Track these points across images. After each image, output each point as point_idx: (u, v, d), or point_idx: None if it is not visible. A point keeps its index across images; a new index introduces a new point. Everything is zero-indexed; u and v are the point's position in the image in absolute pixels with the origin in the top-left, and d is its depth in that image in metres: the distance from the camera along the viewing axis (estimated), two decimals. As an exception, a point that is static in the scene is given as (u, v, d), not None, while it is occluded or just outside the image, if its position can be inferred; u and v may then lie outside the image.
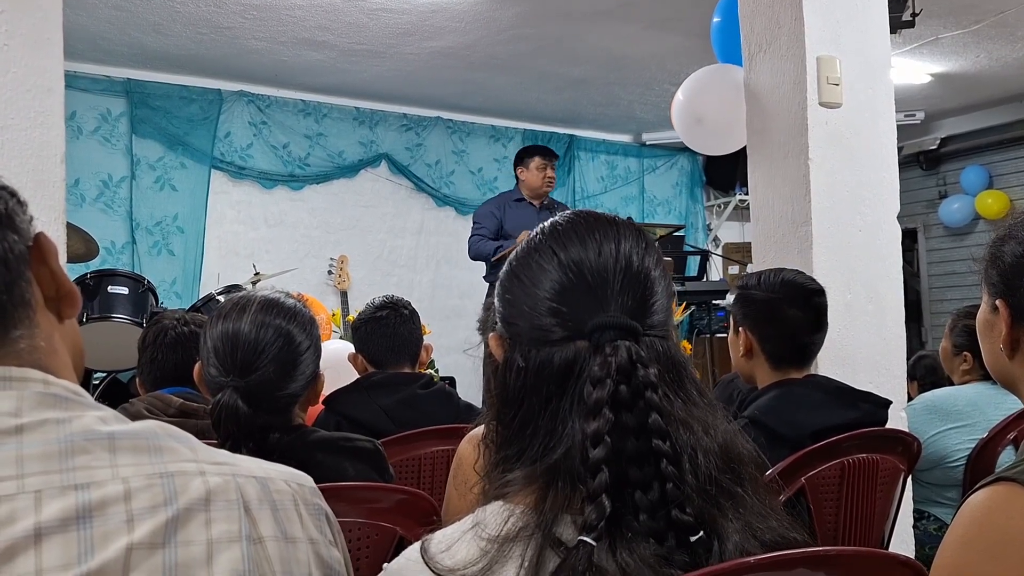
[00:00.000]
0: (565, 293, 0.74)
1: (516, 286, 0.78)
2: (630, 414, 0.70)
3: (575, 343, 0.73)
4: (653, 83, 5.37)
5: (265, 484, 0.64)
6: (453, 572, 0.66)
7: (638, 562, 0.65)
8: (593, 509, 0.66)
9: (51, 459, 0.57)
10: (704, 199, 7.06)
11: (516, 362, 0.75)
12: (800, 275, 1.77)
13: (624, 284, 0.74)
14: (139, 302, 3.45)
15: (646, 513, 0.67)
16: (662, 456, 0.68)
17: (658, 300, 0.76)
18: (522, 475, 0.73)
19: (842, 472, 1.58)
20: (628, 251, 0.76)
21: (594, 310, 0.73)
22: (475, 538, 0.69)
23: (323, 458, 1.33)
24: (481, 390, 4.38)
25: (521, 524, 0.68)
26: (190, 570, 0.56)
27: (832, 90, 2.33)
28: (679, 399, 0.73)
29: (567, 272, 0.75)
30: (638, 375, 0.70)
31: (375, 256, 5.67)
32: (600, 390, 0.69)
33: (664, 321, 0.77)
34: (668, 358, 0.75)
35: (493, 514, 0.70)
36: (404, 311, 2.17)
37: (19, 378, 0.60)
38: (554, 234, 0.78)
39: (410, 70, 5.04)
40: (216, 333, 1.28)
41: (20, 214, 0.66)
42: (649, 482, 0.68)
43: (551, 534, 0.67)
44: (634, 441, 0.69)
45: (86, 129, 4.79)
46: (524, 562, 0.66)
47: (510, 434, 0.76)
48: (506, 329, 0.78)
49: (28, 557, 0.53)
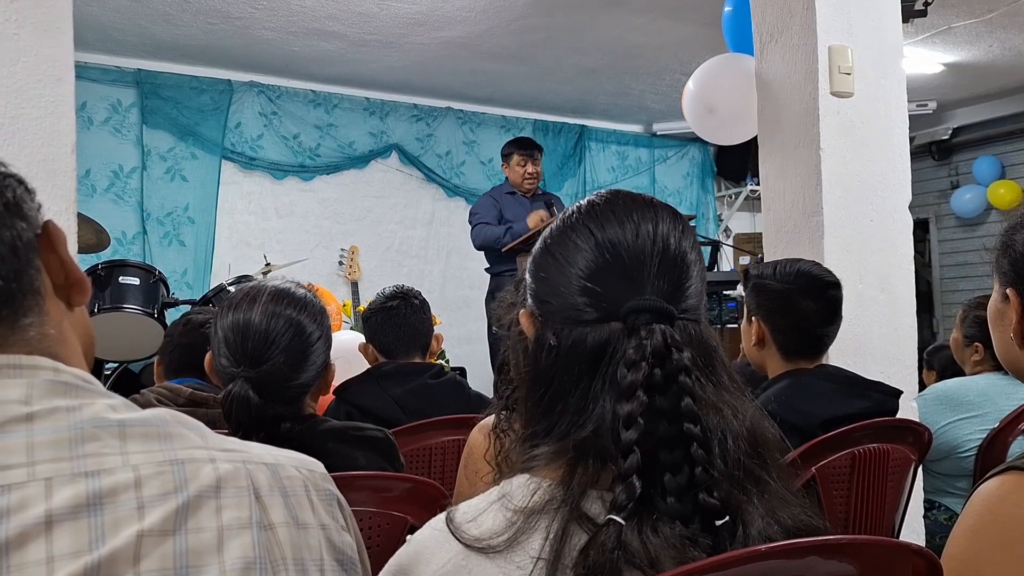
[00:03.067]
0: (601, 273, 0.74)
1: (551, 264, 0.77)
2: (663, 397, 0.70)
3: (609, 324, 0.73)
4: (664, 73, 5.34)
5: (276, 470, 0.64)
6: (479, 541, 0.67)
7: (663, 542, 0.66)
8: (623, 490, 0.66)
9: (61, 447, 0.57)
10: (715, 189, 7.03)
11: (548, 340, 0.75)
12: (816, 266, 1.76)
13: (660, 267, 0.74)
14: (150, 293, 3.47)
15: (674, 496, 0.68)
16: (693, 440, 0.69)
17: (692, 284, 0.76)
18: (550, 450, 0.73)
19: (852, 462, 1.57)
20: (665, 233, 0.75)
21: (630, 292, 0.73)
22: (501, 509, 0.69)
23: (334, 447, 1.33)
24: (491, 381, 4.39)
25: (548, 497, 0.69)
26: (201, 557, 0.57)
27: (844, 79, 2.32)
28: (710, 383, 0.73)
29: (604, 252, 0.74)
30: (672, 359, 0.70)
31: (386, 247, 5.68)
32: (635, 373, 0.69)
33: (697, 305, 0.76)
34: (701, 342, 0.75)
35: (519, 487, 0.71)
36: (415, 301, 2.18)
37: (29, 366, 0.60)
38: (591, 213, 0.77)
39: (420, 60, 5.03)
40: (227, 323, 1.28)
41: (28, 202, 0.66)
42: (679, 465, 0.68)
43: (578, 508, 0.68)
44: (666, 424, 0.69)
45: (97, 120, 4.80)
46: (550, 534, 0.66)
47: (539, 411, 0.76)
48: (538, 307, 0.77)
49: (39, 544, 0.53)
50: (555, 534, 0.66)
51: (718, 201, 7.05)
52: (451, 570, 0.68)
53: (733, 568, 0.66)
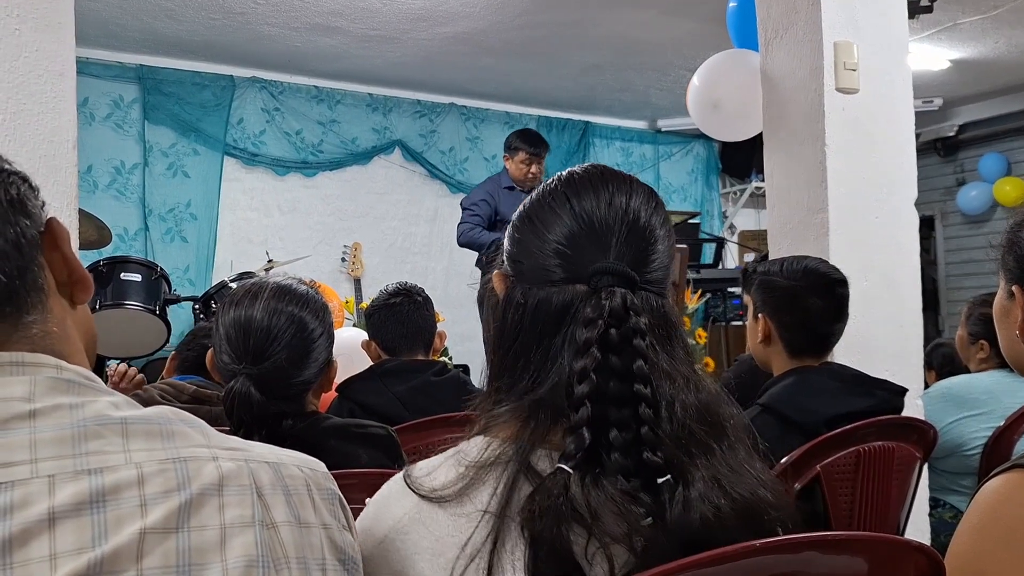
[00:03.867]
0: (572, 238, 0.78)
1: (527, 227, 0.81)
2: (617, 357, 0.73)
3: (575, 286, 0.76)
4: (669, 69, 5.32)
5: (278, 469, 0.64)
6: (433, 492, 0.71)
7: (605, 497, 0.68)
8: (573, 439, 0.70)
9: (64, 444, 0.57)
10: (720, 186, 7.02)
11: (516, 298, 0.79)
12: (823, 264, 1.75)
13: (628, 237, 0.78)
14: (152, 289, 3.47)
15: (619, 451, 0.70)
16: (641, 400, 0.71)
17: (658, 257, 0.79)
18: (508, 410, 0.77)
19: (857, 460, 1.57)
20: (637, 207, 0.79)
21: (596, 256, 0.77)
22: (455, 464, 0.74)
23: (336, 445, 1.33)
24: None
25: (499, 452, 0.73)
26: (203, 555, 0.56)
27: (849, 76, 2.31)
28: (665, 353, 0.75)
29: (578, 220, 0.78)
30: (629, 321, 0.73)
31: (389, 243, 5.67)
32: (591, 330, 0.73)
33: (662, 279, 0.80)
34: (662, 314, 0.78)
35: (474, 445, 0.75)
36: (418, 298, 2.17)
37: (32, 363, 0.61)
38: (570, 183, 0.82)
39: (424, 56, 5.02)
40: (228, 320, 1.28)
41: (32, 199, 0.66)
42: (626, 423, 0.71)
43: (527, 462, 0.71)
44: (617, 383, 0.72)
45: (98, 115, 4.80)
46: (499, 485, 0.70)
47: (504, 367, 0.80)
48: (511, 267, 0.81)
49: (42, 541, 0.53)
50: (504, 485, 0.70)
51: (723, 198, 7.04)
52: (408, 522, 0.71)
53: (730, 562, 0.67)
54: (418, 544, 0.70)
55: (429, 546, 0.70)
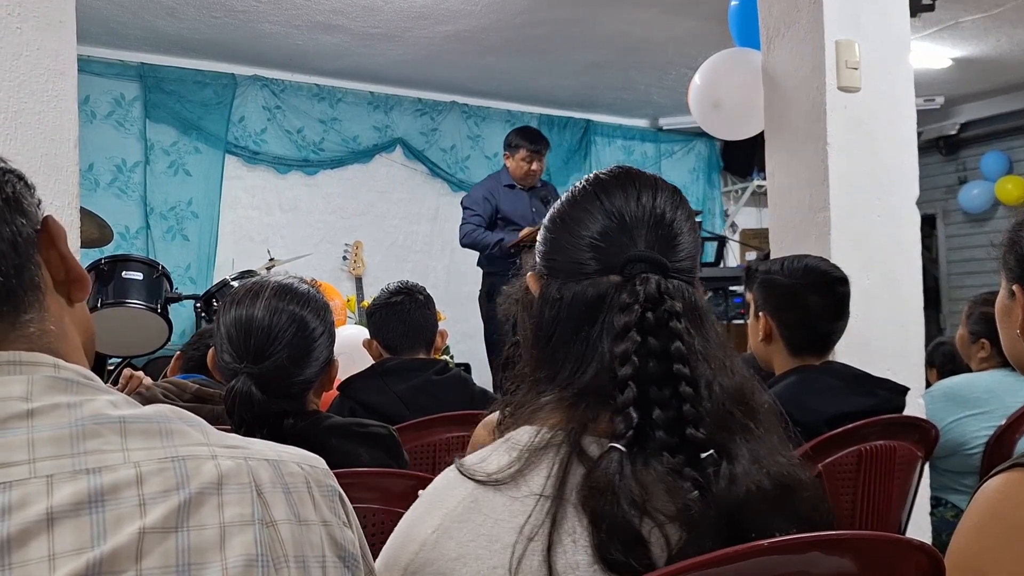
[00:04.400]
0: (604, 233, 0.82)
1: (561, 227, 0.85)
2: (655, 340, 0.76)
3: (608, 276, 0.80)
4: (670, 67, 5.32)
5: (277, 467, 0.64)
6: (489, 476, 0.73)
7: (655, 477, 0.71)
8: (622, 419, 0.73)
9: (62, 443, 0.56)
10: (721, 184, 7.01)
11: (552, 295, 0.82)
12: (824, 262, 1.75)
13: (655, 229, 0.82)
14: (153, 287, 3.48)
15: (663, 429, 0.73)
16: (681, 379, 0.75)
17: (685, 249, 0.83)
18: (552, 400, 0.79)
19: (859, 459, 1.57)
20: (662, 203, 0.83)
21: (627, 247, 0.81)
22: (507, 450, 0.76)
23: (337, 444, 1.33)
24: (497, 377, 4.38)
25: (549, 437, 0.75)
26: (203, 554, 0.56)
27: (851, 74, 2.30)
28: (700, 336, 0.78)
29: (609, 216, 0.82)
30: (664, 305, 0.77)
31: (390, 242, 5.67)
32: (628, 315, 0.76)
33: (691, 269, 0.83)
34: (692, 302, 0.81)
35: (523, 433, 0.77)
36: (419, 297, 2.17)
37: (29, 362, 0.60)
38: (598, 183, 0.86)
39: (425, 54, 5.01)
40: (229, 319, 1.28)
41: (28, 197, 0.66)
42: (668, 401, 0.74)
43: (579, 445, 0.74)
44: (656, 364, 0.75)
45: (100, 113, 4.80)
46: (553, 468, 0.72)
47: (543, 358, 0.83)
48: (546, 265, 0.85)
49: (41, 542, 0.53)
50: (557, 468, 0.72)
51: (724, 196, 7.03)
52: (462, 510, 0.73)
53: (737, 562, 0.67)
54: (474, 531, 0.72)
55: (486, 532, 0.71)
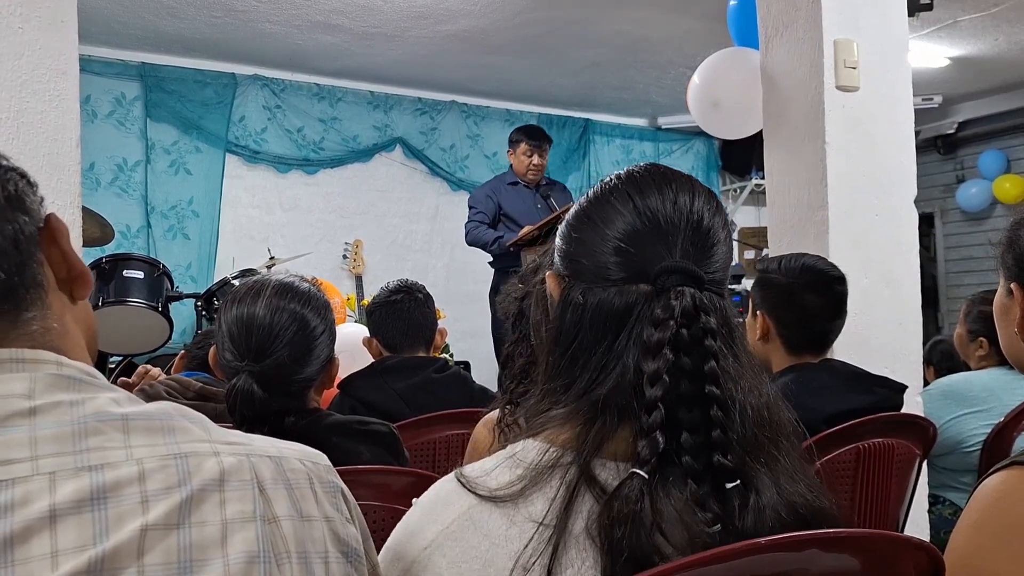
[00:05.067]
0: (636, 236, 0.76)
1: (586, 226, 0.79)
2: (688, 358, 0.71)
3: (638, 286, 0.75)
4: (669, 67, 5.32)
5: (279, 463, 0.64)
6: (494, 492, 0.69)
7: (672, 503, 0.67)
8: (647, 444, 0.68)
9: (65, 441, 0.57)
10: (720, 183, 7.02)
11: (574, 299, 0.77)
12: (821, 261, 1.76)
13: (693, 237, 0.76)
14: (154, 286, 3.48)
15: (690, 455, 0.69)
16: (713, 401, 0.70)
17: (720, 259, 0.78)
18: (564, 412, 0.74)
19: (857, 457, 1.57)
20: (700, 207, 0.77)
21: (661, 255, 0.75)
22: (511, 466, 0.72)
23: (338, 441, 1.33)
24: (496, 376, 4.39)
25: (558, 457, 0.70)
26: (204, 551, 0.56)
27: (849, 73, 2.31)
28: (731, 355, 0.74)
29: (641, 217, 0.76)
30: (700, 321, 0.72)
31: (390, 241, 5.67)
32: (663, 331, 0.71)
33: (723, 280, 0.78)
34: (724, 315, 0.76)
35: (531, 448, 0.73)
36: (419, 295, 2.18)
37: (32, 360, 0.60)
38: (631, 180, 0.80)
39: (425, 54, 5.02)
40: (231, 317, 1.28)
41: (30, 195, 0.66)
42: (697, 425, 0.70)
43: (588, 469, 0.69)
44: (688, 384, 0.71)
45: (101, 113, 4.80)
46: (557, 495, 0.68)
47: (560, 367, 0.77)
48: (568, 266, 0.79)
49: (43, 539, 0.53)
50: (562, 496, 0.68)
51: (723, 195, 7.03)
52: (459, 526, 0.69)
53: (735, 560, 0.66)
54: (468, 552, 0.68)
55: (480, 554, 0.68)
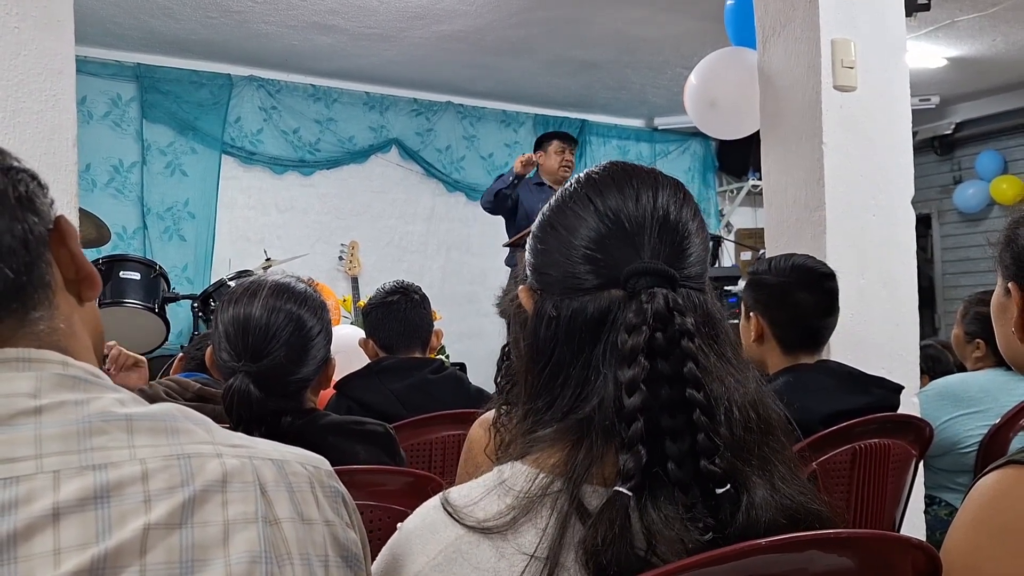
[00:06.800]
0: (601, 241, 0.73)
1: (550, 235, 0.76)
2: (665, 362, 0.68)
3: (609, 291, 0.72)
4: (666, 67, 5.33)
5: (281, 466, 0.64)
6: (483, 523, 0.67)
7: (662, 517, 0.65)
8: (630, 458, 0.65)
9: (69, 440, 0.57)
10: (716, 184, 7.03)
11: (547, 312, 0.74)
12: (811, 259, 1.77)
13: (661, 233, 0.73)
14: (151, 287, 3.48)
15: (675, 462, 0.66)
16: (696, 406, 0.67)
17: (695, 252, 0.75)
18: (551, 431, 0.72)
19: (853, 457, 1.57)
20: (665, 201, 0.74)
21: (630, 257, 0.72)
22: (500, 495, 0.69)
23: (334, 441, 1.33)
24: (492, 376, 4.38)
25: (547, 484, 0.68)
26: (206, 551, 0.57)
27: (847, 73, 2.31)
28: (713, 353, 0.71)
29: (604, 220, 0.73)
30: (675, 323, 0.69)
31: (385, 242, 5.67)
32: (636, 337, 0.68)
33: (701, 274, 0.75)
34: (705, 311, 0.73)
35: (518, 474, 0.70)
36: (415, 296, 2.18)
37: (38, 359, 0.61)
38: (590, 183, 0.76)
39: (420, 54, 5.02)
40: (227, 318, 1.28)
41: (40, 196, 0.66)
42: (680, 431, 0.67)
43: (578, 500, 0.66)
44: (668, 390, 0.68)
45: (96, 114, 4.79)
46: (548, 525, 0.66)
47: (540, 385, 0.74)
48: (538, 279, 0.77)
49: (46, 536, 0.53)
50: (553, 526, 0.65)
51: (720, 196, 7.04)
52: (446, 559, 0.67)
53: (733, 561, 0.66)
54: None
55: None
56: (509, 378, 1.09)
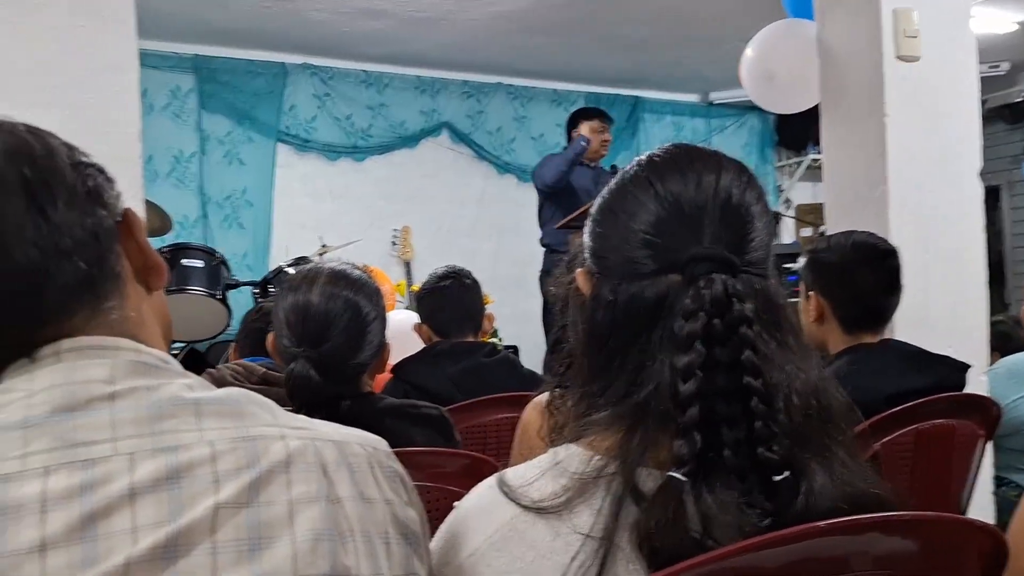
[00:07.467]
0: (660, 225, 0.72)
1: (609, 219, 0.76)
2: (723, 349, 0.68)
3: (667, 276, 0.71)
4: (721, 40, 5.20)
5: (342, 447, 0.66)
6: (539, 503, 0.67)
7: (717, 503, 0.64)
8: (684, 444, 0.65)
9: (142, 424, 0.59)
10: (775, 159, 6.86)
11: (605, 297, 0.74)
12: (872, 236, 1.74)
13: (722, 217, 0.72)
14: (213, 275, 3.57)
15: (731, 449, 0.66)
16: (753, 393, 0.67)
17: (757, 236, 0.73)
18: (606, 416, 0.72)
19: (917, 438, 1.54)
20: (728, 184, 0.73)
21: (689, 242, 0.71)
22: (555, 476, 0.69)
23: (391, 424, 1.36)
24: (544, 359, 4.39)
25: (601, 466, 0.68)
26: (272, 528, 0.59)
27: (910, 43, 2.24)
28: (774, 340, 0.70)
29: (663, 204, 0.73)
30: (733, 309, 0.68)
31: (437, 226, 5.71)
32: (693, 323, 0.68)
33: (763, 259, 0.74)
34: (766, 297, 0.72)
35: (574, 456, 0.70)
36: (467, 281, 2.19)
37: (112, 347, 0.64)
38: (651, 166, 0.76)
39: (470, 36, 5.01)
40: (287, 305, 1.32)
41: (109, 190, 0.69)
42: (737, 419, 0.67)
43: (632, 482, 0.66)
44: (725, 377, 0.68)
45: (157, 105, 4.91)
46: (603, 506, 0.66)
47: (595, 370, 0.75)
48: (596, 263, 0.76)
49: (124, 514, 0.56)
50: (608, 507, 0.66)
51: (779, 171, 6.88)
52: (500, 539, 0.68)
53: (791, 544, 0.65)
54: (512, 563, 0.67)
55: (525, 566, 0.66)
56: (563, 361, 1.09)
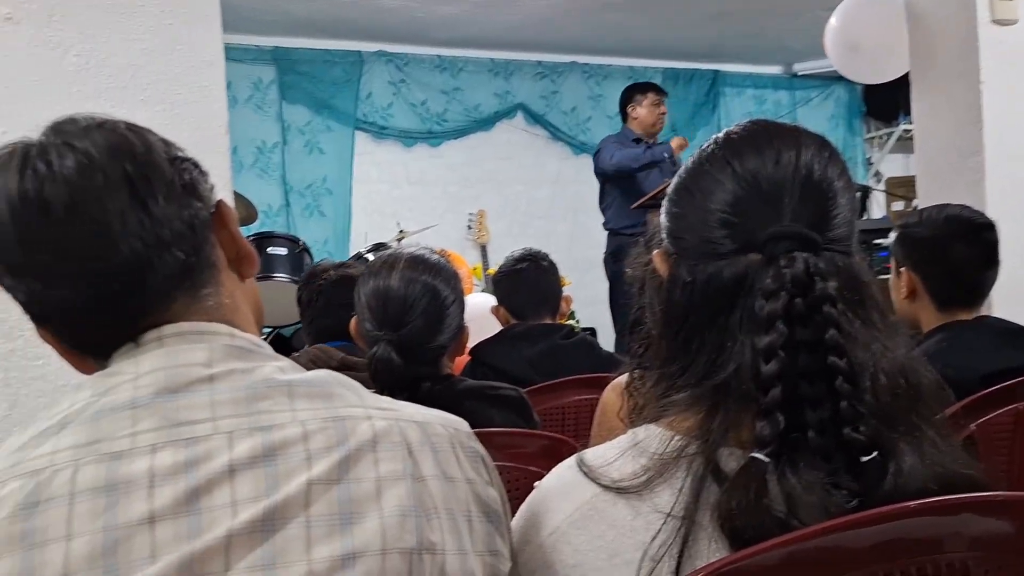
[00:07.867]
0: (738, 204, 0.71)
1: (686, 199, 0.75)
2: (805, 329, 0.67)
3: (747, 256, 0.70)
4: (804, 10, 5.02)
5: (425, 428, 0.68)
6: (619, 483, 0.68)
7: (802, 484, 0.63)
8: (766, 424, 0.64)
9: (239, 404, 0.63)
10: (864, 131, 6.59)
11: (682, 277, 0.73)
12: (966, 209, 1.66)
13: (803, 194, 0.70)
14: (296, 262, 3.69)
15: (815, 430, 0.65)
16: (838, 373, 0.65)
17: (840, 213, 0.72)
18: (686, 397, 0.71)
19: (1016, 419, 1.47)
20: (808, 160, 0.72)
21: (768, 221, 0.70)
22: (635, 455, 0.69)
23: (471, 406, 1.38)
24: (619, 340, 4.36)
25: (682, 446, 0.68)
26: (362, 504, 0.61)
27: (1006, 6, 2.12)
28: (859, 319, 0.69)
29: (741, 183, 0.71)
30: (815, 288, 0.67)
31: (512, 208, 5.72)
32: (773, 303, 0.67)
33: (847, 236, 0.72)
34: (850, 275, 0.70)
35: (653, 436, 0.70)
36: (543, 263, 2.20)
37: (210, 332, 0.68)
38: (729, 144, 0.74)
39: (544, 15, 4.98)
40: (368, 290, 1.35)
41: (203, 183, 0.73)
42: (821, 399, 0.66)
43: (714, 461, 0.66)
44: (807, 357, 0.66)
45: (240, 98, 5.07)
46: (684, 486, 0.66)
47: (674, 350, 0.74)
48: (673, 244, 0.76)
49: (224, 490, 0.59)
50: (689, 487, 0.65)
51: (867, 143, 6.61)
52: (580, 517, 0.69)
53: (880, 524, 0.64)
54: (593, 541, 0.67)
55: (606, 544, 0.67)
56: (642, 342, 1.09)
